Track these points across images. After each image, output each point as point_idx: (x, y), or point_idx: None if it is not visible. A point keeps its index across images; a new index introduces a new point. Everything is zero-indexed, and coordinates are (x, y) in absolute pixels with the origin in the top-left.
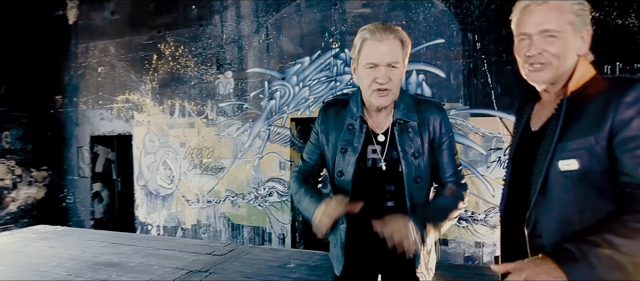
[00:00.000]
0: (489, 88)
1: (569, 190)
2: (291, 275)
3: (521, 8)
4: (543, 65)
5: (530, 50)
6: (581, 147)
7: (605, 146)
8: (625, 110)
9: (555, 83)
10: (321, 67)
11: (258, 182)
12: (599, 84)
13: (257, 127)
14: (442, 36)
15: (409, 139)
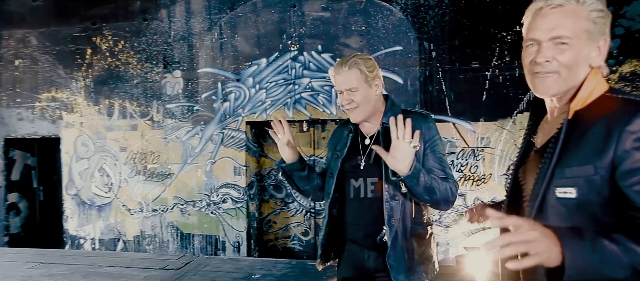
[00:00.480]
0: (443, 95)
1: (565, 218)
2: None
3: (534, 11)
4: (550, 74)
5: (538, 57)
6: (580, 175)
7: (606, 177)
8: (629, 140)
9: (563, 97)
10: (279, 69)
11: (210, 188)
12: (607, 104)
13: (209, 131)
14: (400, 44)
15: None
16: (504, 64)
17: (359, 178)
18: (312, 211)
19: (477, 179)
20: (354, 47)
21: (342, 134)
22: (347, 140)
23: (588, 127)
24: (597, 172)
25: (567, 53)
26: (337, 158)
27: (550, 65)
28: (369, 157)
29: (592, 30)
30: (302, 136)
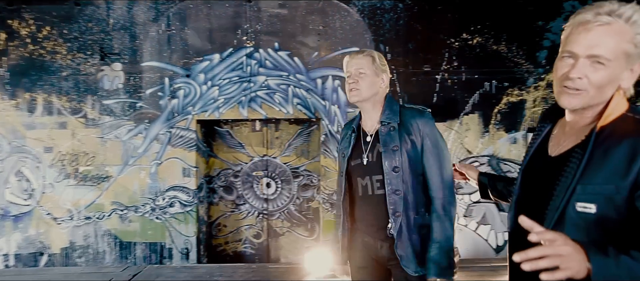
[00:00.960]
0: (398, 96)
1: (582, 231)
2: None
3: (578, 22)
4: (579, 92)
5: (572, 72)
6: (601, 192)
7: (626, 197)
8: None
9: (585, 111)
10: (233, 66)
11: (156, 191)
12: (629, 124)
13: (154, 130)
14: (357, 45)
15: (390, 136)
16: (453, 68)
17: (365, 177)
18: (265, 213)
19: None
20: (312, 46)
21: (346, 133)
22: (350, 139)
23: (612, 146)
24: (619, 192)
25: (601, 73)
26: (343, 157)
27: (581, 82)
28: (372, 155)
29: (632, 53)
30: (254, 135)
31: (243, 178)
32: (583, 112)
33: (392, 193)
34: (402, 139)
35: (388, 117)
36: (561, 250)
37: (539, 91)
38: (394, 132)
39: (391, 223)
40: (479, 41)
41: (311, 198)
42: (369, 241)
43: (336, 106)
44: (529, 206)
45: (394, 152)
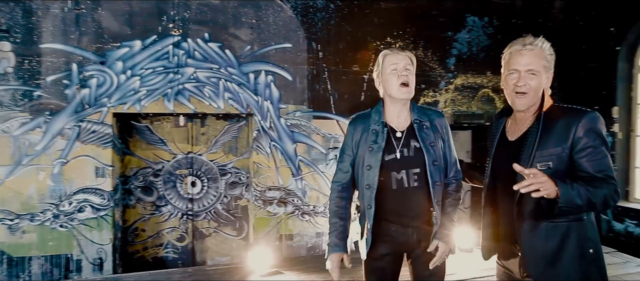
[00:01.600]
0: (329, 94)
1: None
2: None
3: (514, 50)
4: (525, 94)
5: (519, 82)
6: (553, 154)
7: (568, 154)
8: (581, 131)
9: (529, 108)
10: (157, 55)
11: (60, 195)
12: (559, 110)
13: (58, 123)
14: (290, 41)
15: (425, 133)
16: None
17: (401, 171)
18: (190, 214)
19: None
20: (244, 40)
21: (368, 126)
22: (380, 135)
23: (553, 123)
24: (564, 151)
25: (535, 80)
26: (372, 151)
27: (525, 88)
28: (408, 150)
29: (547, 66)
30: (178, 131)
31: (165, 177)
32: (528, 109)
33: (433, 185)
34: (436, 137)
35: (420, 116)
36: (541, 179)
37: (449, 93)
38: (428, 130)
39: (435, 211)
40: (401, 45)
41: (239, 196)
42: (399, 229)
43: (269, 101)
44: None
45: (432, 147)
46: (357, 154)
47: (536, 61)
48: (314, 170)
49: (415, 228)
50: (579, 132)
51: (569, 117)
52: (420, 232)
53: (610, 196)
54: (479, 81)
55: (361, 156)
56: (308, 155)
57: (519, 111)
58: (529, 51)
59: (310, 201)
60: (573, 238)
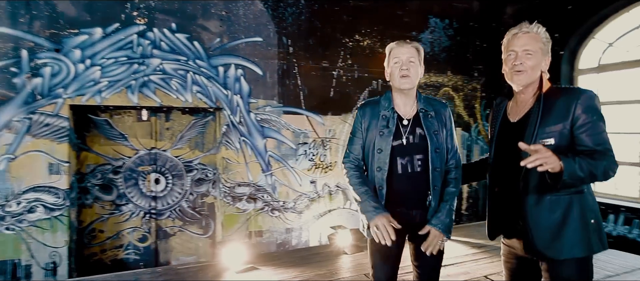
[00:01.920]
0: (299, 89)
1: None
2: None
3: (512, 34)
4: (522, 72)
5: (516, 61)
6: (555, 131)
7: (569, 130)
8: (580, 108)
9: (528, 87)
10: (120, 44)
11: (6, 195)
12: (558, 91)
13: (5, 115)
14: (260, 35)
15: (430, 122)
16: (347, 65)
17: (405, 156)
18: (153, 213)
19: (325, 167)
20: (214, 32)
21: (378, 112)
22: (391, 121)
23: (553, 103)
24: (565, 127)
25: (531, 60)
26: (383, 135)
27: (522, 66)
28: (413, 137)
29: (543, 48)
30: (140, 126)
31: (126, 175)
32: (525, 89)
33: (433, 170)
34: (439, 125)
35: (425, 105)
36: (545, 154)
37: None
38: (432, 119)
39: (431, 195)
40: (368, 43)
41: (206, 193)
42: (403, 211)
43: (238, 96)
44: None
45: (435, 136)
46: (366, 138)
47: (532, 43)
48: (283, 166)
49: (419, 210)
50: (578, 110)
51: (568, 96)
52: (422, 215)
53: (610, 167)
54: (440, 79)
55: (371, 140)
56: (278, 150)
57: (518, 90)
58: (525, 34)
59: (280, 197)
60: (576, 210)
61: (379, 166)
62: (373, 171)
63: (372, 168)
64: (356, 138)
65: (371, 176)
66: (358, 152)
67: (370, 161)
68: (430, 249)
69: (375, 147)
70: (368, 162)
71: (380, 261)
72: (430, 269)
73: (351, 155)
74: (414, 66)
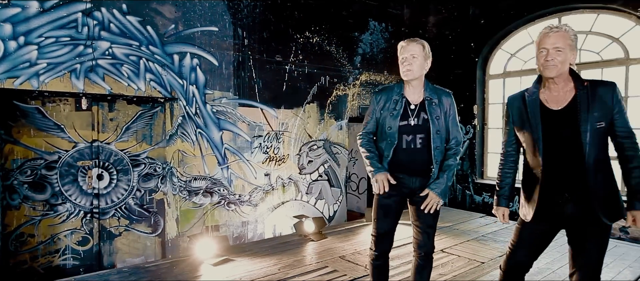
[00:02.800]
0: (253, 82)
1: (600, 136)
2: None
3: (543, 34)
4: (553, 66)
5: (548, 57)
6: (602, 116)
7: (611, 116)
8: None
9: (559, 78)
10: (62, 23)
11: None
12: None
13: None
14: (216, 24)
15: (433, 109)
16: (298, 61)
17: (410, 135)
18: (96, 211)
19: (278, 160)
20: (168, 17)
21: (391, 97)
22: (401, 104)
23: (596, 92)
24: (608, 113)
25: (561, 55)
26: (393, 116)
27: (552, 62)
28: (418, 119)
29: (572, 45)
30: (79, 116)
31: (62, 170)
32: (558, 80)
33: (435, 149)
34: (440, 112)
35: (431, 94)
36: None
37: (356, 87)
38: (436, 106)
39: (434, 167)
40: (317, 40)
41: (155, 189)
42: (405, 177)
43: (194, 86)
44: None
45: (437, 120)
46: (381, 116)
47: (561, 40)
48: (239, 159)
49: (418, 178)
50: (615, 99)
51: (604, 87)
52: (421, 181)
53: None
54: (378, 78)
55: (384, 118)
56: (234, 143)
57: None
58: (555, 33)
59: (235, 190)
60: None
61: (390, 140)
62: (383, 142)
63: (382, 140)
64: (372, 117)
65: (380, 146)
66: (372, 127)
67: (381, 134)
68: (428, 208)
69: (386, 124)
70: (379, 135)
71: (382, 215)
72: (428, 226)
73: (368, 127)
74: (416, 60)
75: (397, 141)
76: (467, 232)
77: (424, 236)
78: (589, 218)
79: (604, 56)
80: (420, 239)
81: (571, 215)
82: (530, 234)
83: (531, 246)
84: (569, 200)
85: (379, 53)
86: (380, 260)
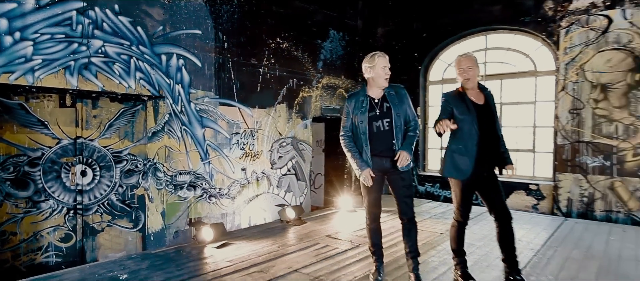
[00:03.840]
0: (232, 82)
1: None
2: None
3: (458, 59)
4: (470, 80)
5: (464, 74)
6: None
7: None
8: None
9: (474, 86)
10: (58, 20)
11: None
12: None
13: None
14: (199, 28)
15: (392, 98)
16: (270, 64)
17: (378, 121)
18: (80, 208)
19: (253, 155)
20: (157, 19)
21: (359, 98)
22: (366, 101)
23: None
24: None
25: (472, 71)
26: (362, 112)
27: (469, 75)
28: (382, 109)
29: (476, 63)
30: (63, 112)
31: (46, 167)
32: (474, 87)
33: (396, 128)
34: (398, 100)
35: (389, 90)
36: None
37: (318, 90)
38: (394, 96)
39: (396, 144)
40: (287, 46)
41: (136, 185)
42: (381, 161)
43: (180, 85)
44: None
45: (396, 106)
46: (354, 115)
47: (471, 62)
48: (219, 154)
49: (388, 157)
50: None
51: (491, 93)
52: (391, 161)
53: None
54: (337, 82)
55: (356, 116)
56: (215, 140)
57: (468, 89)
58: (465, 58)
59: (216, 184)
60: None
61: (363, 132)
62: (359, 136)
63: (358, 134)
64: (347, 118)
65: (358, 140)
66: (349, 125)
67: (356, 129)
68: (400, 163)
69: (358, 119)
70: (355, 130)
71: (369, 193)
72: (405, 196)
73: (346, 127)
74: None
75: (368, 128)
76: (421, 213)
77: (404, 205)
78: (493, 172)
79: (519, 68)
80: (402, 208)
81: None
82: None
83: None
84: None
85: (337, 59)
86: (374, 224)
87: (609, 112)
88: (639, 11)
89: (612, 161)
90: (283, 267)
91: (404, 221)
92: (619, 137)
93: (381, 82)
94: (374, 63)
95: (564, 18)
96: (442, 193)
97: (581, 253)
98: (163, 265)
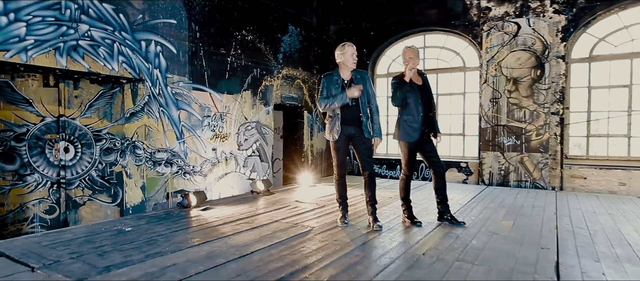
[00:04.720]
0: (204, 69)
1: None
2: None
3: (405, 50)
4: (414, 69)
5: (410, 63)
6: None
7: None
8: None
9: (415, 72)
10: (48, 4)
11: None
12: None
13: None
14: (175, 18)
15: (358, 80)
16: (237, 54)
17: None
18: (63, 181)
19: (222, 137)
20: (137, 8)
21: (333, 78)
22: (339, 80)
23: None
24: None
25: (415, 61)
26: (336, 88)
27: (413, 65)
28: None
29: (418, 55)
30: (46, 91)
31: (31, 142)
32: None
33: (362, 104)
34: (364, 82)
35: (355, 73)
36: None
37: (279, 80)
38: (360, 79)
39: (362, 117)
40: (251, 38)
41: (114, 162)
42: (347, 126)
43: (158, 70)
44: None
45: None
46: (328, 90)
47: (414, 54)
48: (193, 135)
49: (355, 126)
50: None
51: (425, 75)
52: (356, 129)
53: None
54: (295, 73)
55: (330, 91)
56: (188, 121)
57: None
58: (410, 50)
59: (190, 161)
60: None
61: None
62: None
63: None
64: (326, 89)
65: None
66: (326, 95)
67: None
68: (375, 148)
69: (332, 94)
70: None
71: (337, 154)
72: (366, 156)
73: (323, 96)
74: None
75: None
76: None
77: (365, 163)
78: (430, 137)
79: (451, 64)
80: (364, 164)
81: (425, 139)
82: (413, 150)
83: (414, 157)
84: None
85: (296, 52)
86: (342, 180)
87: (519, 100)
88: (539, 21)
89: (522, 140)
90: (265, 219)
91: (365, 175)
92: (526, 121)
93: (350, 65)
94: (344, 51)
95: (485, 23)
96: (388, 173)
97: (495, 204)
98: (159, 222)
